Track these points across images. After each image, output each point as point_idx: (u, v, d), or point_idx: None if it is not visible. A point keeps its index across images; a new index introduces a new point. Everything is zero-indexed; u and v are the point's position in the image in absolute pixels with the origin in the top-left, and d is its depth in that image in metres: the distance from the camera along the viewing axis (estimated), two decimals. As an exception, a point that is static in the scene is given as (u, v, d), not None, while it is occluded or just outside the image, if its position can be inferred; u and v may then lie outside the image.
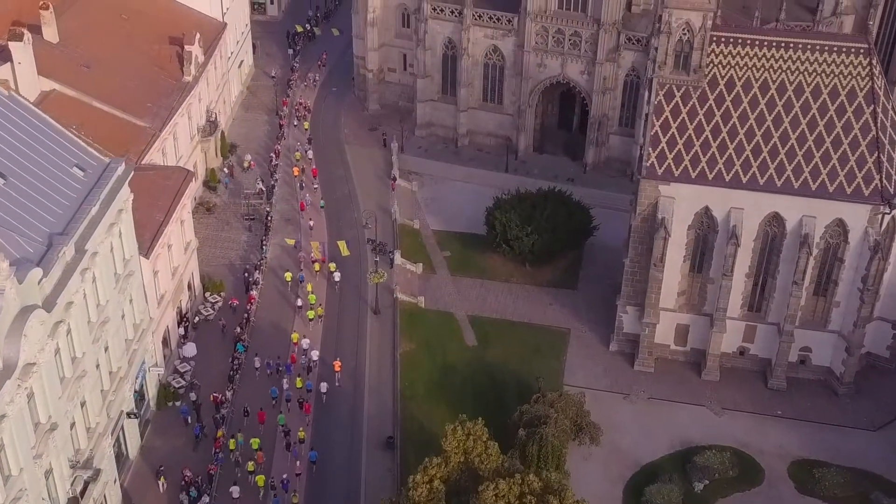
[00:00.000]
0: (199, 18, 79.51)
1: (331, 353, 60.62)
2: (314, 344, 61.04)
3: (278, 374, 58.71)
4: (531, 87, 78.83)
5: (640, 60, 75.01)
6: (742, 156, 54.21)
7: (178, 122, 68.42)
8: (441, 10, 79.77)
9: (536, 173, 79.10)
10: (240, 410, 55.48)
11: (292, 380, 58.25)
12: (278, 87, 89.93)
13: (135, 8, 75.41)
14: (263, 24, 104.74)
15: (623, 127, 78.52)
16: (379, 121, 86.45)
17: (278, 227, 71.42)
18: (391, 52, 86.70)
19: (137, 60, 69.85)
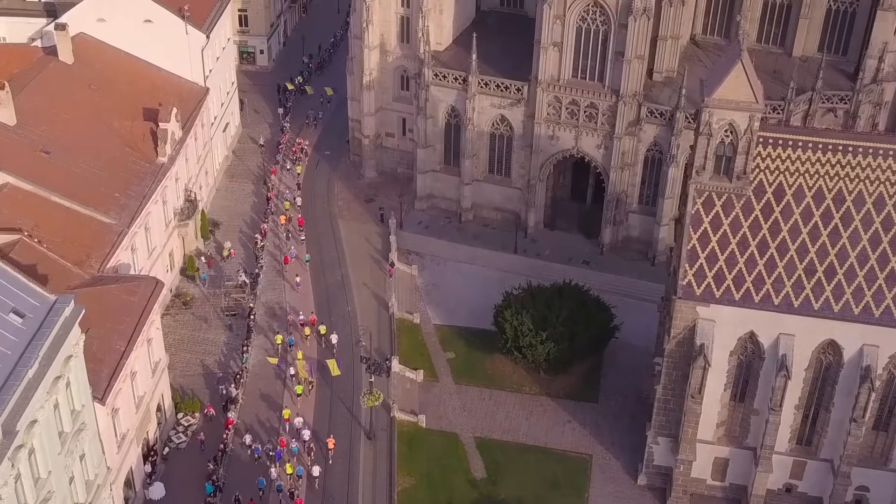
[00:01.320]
0: (178, 84, 71.86)
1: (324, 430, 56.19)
2: (306, 418, 56.84)
3: (268, 460, 53.88)
4: (542, 160, 71.10)
5: (663, 135, 67.32)
6: (793, 275, 46.46)
7: (150, 212, 60.60)
8: (444, 77, 72.05)
9: (548, 254, 71.39)
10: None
11: (282, 466, 53.25)
12: (266, 155, 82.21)
13: (106, 76, 67.72)
14: (253, 74, 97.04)
15: (643, 205, 70.79)
16: (376, 191, 78.71)
17: (263, 324, 63.62)
18: (389, 116, 78.99)
19: (106, 140, 62.01)
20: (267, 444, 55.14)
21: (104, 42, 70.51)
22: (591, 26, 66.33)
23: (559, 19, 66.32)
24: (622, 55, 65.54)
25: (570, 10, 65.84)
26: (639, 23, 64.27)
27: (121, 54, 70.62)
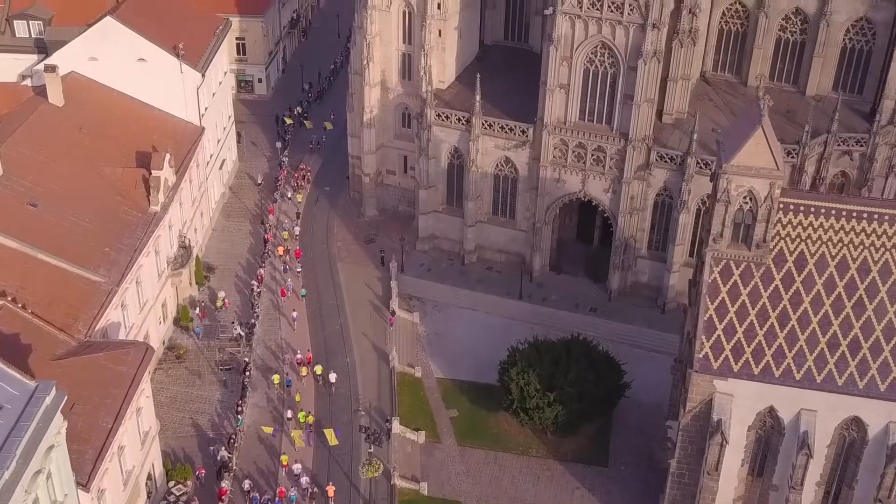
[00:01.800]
0: (172, 124, 69.31)
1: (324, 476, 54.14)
2: (305, 463, 55.18)
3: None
4: (548, 203, 68.51)
5: (674, 179, 64.78)
6: (816, 349, 43.93)
7: (142, 265, 58.12)
8: (446, 118, 69.49)
9: (554, 300, 68.81)
10: None
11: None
12: (264, 193, 79.67)
13: (97, 118, 65.18)
14: (251, 103, 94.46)
15: (653, 250, 68.23)
16: (376, 230, 76.12)
17: (258, 381, 61.11)
18: (390, 154, 76.44)
19: (96, 189, 59.45)
20: (266, 493, 53.39)
21: (96, 81, 68.03)
22: (598, 68, 63.80)
23: (566, 61, 63.82)
24: (631, 98, 63.01)
25: (577, 51, 63.32)
26: (649, 66, 61.74)
27: (113, 94, 68.14)
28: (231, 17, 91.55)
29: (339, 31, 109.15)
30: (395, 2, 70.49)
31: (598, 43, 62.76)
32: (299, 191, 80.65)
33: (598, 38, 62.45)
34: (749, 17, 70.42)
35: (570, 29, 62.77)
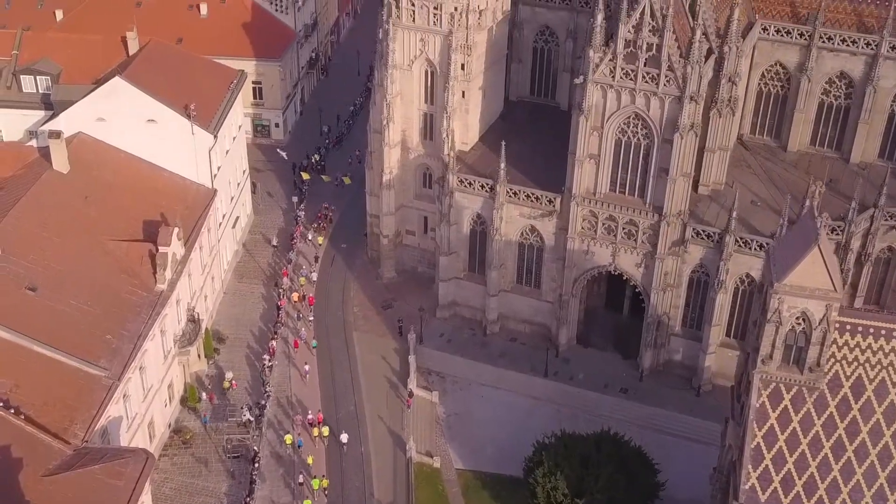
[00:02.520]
0: (182, 188, 65.80)
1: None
2: None
3: None
4: (576, 275, 64.51)
5: (711, 257, 60.61)
6: (874, 484, 39.58)
7: (147, 349, 54.65)
8: (469, 184, 65.61)
9: (582, 379, 64.73)
10: None
11: None
12: (280, 252, 75.98)
13: (103, 184, 61.74)
14: (267, 149, 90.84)
15: (687, 328, 64.12)
16: (394, 294, 72.27)
17: (268, 470, 57.44)
18: (410, 214, 72.62)
19: (100, 267, 55.92)
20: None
21: (103, 142, 64.64)
22: (631, 139, 59.78)
23: (596, 131, 59.82)
24: (666, 172, 58.93)
25: (608, 122, 59.30)
26: (685, 140, 57.67)
27: (121, 156, 64.69)
28: (247, 61, 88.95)
29: (359, 68, 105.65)
30: (417, 61, 66.74)
31: (631, 113, 58.78)
32: (321, 232, 77.97)
33: (632, 108, 58.44)
34: (790, 80, 66.38)
35: (602, 98, 58.78)
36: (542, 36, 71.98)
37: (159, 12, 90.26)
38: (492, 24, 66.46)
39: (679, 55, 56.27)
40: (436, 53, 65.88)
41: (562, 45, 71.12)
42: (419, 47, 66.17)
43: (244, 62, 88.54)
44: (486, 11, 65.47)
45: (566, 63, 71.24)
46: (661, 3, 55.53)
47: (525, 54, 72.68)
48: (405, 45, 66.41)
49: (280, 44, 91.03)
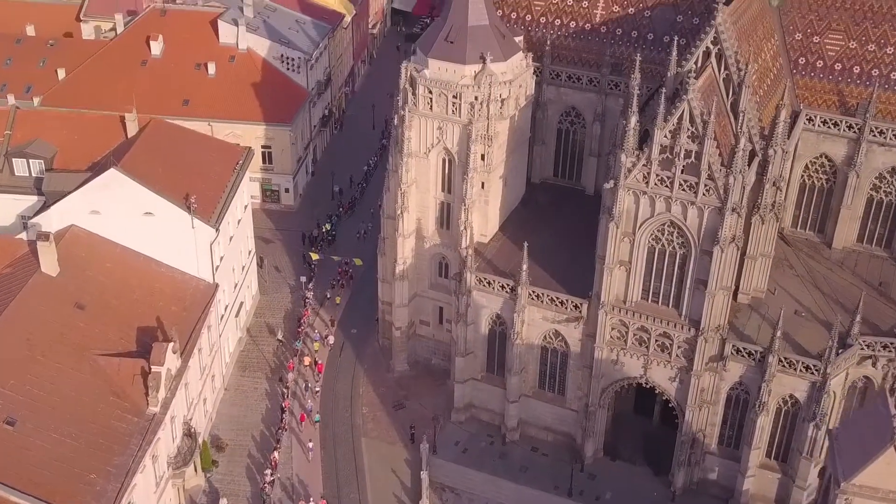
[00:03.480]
0: (181, 284, 60.90)
1: None
2: None
3: None
4: (603, 385, 59.18)
5: (751, 375, 55.17)
6: None
7: (137, 483, 49.75)
8: (488, 283, 60.52)
9: (609, 499, 59.53)
10: None
11: None
12: (286, 345, 70.96)
13: (95, 286, 56.82)
14: (276, 215, 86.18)
15: (724, 447, 58.72)
16: (407, 391, 67.08)
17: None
18: (424, 304, 67.48)
19: (87, 388, 50.83)
20: None
21: (97, 235, 59.92)
22: (666, 248, 54.47)
23: (627, 237, 54.62)
24: (704, 284, 53.58)
25: (641, 228, 54.10)
26: (726, 253, 52.38)
27: (116, 250, 59.89)
28: (256, 125, 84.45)
29: (374, 121, 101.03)
30: (434, 149, 61.70)
31: (665, 220, 53.55)
32: (340, 291, 74.89)
33: (667, 217, 53.22)
34: (836, 173, 60.96)
35: (634, 204, 53.53)
36: (568, 117, 66.87)
37: (165, 71, 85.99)
38: (514, 111, 61.34)
39: (720, 163, 50.97)
40: (454, 142, 60.86)
41: (589, 128, 65.99)
42: (436, 135, 61.15)
43: (253, 127, 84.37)
44: (508, 100, 60.33)
45: (593, 146, 66.15)
46: (701, 108, 50.26)
47: (549, 136, 67.55)
48: (422, 132, 61.41)
49: (291, 105, 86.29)
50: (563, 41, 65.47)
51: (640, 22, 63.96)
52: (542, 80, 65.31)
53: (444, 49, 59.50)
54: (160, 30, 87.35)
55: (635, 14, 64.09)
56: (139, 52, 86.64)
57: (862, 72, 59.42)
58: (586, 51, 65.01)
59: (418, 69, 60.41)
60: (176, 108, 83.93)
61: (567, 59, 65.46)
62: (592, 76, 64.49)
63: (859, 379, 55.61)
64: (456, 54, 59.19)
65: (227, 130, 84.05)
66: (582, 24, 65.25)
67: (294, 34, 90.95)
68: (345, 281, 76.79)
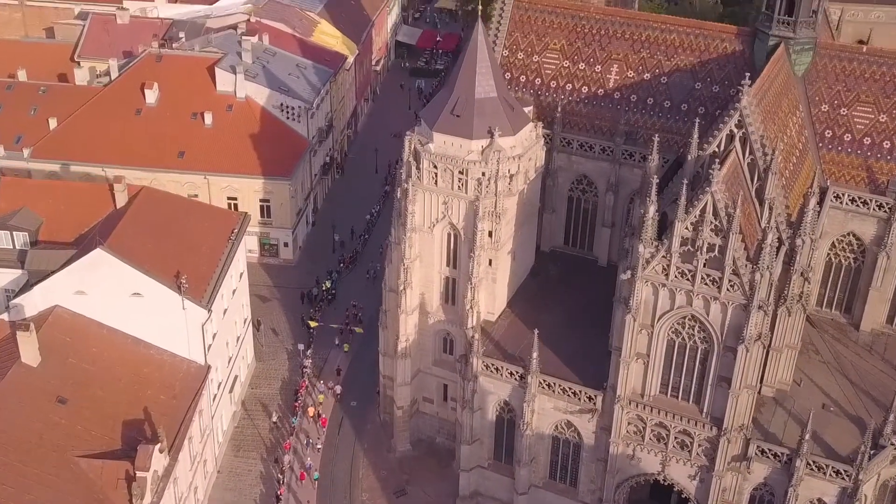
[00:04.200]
0: (171, 367, 57.20)
1: None
2: None
3: None
4: (619, 480, 55.43)
5: (777, 477, 51.37)
6: None
7: None
8: (496, 369, 56.83)
9: None
10: None
11: None
12: (281, 425, 67.15)
13: (80, 372, 53.18)
14: (275, 270, 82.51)
15: (746, 548, 55.11)
16: (409, 474, 63.15)
17: None
18: (428, 381, 63.68)
19: (67, 496, 47.60)
20: None
21: (82, 317, 56.33)
22: (686, 341, 50.75)
23: (645, 330, 50.93)
24: (727, 381, 49.85)
25: (660, 321, 50.39)
26: (752, 352, 48.68)
27: (102, 333, 56.28)
28: (254, 179, 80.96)
29: (376, 165, 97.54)
30: (439, 224, 58.04)
31: (686, 314, 49.86)
32: (348, 337, 73.58)
33: (688, 311, 49.52)
34: (865, 253, 57.27)
35: (653, 296, 49.84)
36: (579, 185, 63.26)
37: (160, 121, 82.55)
38: (523, 186, 57.72)
39: (746, 258, 47.29)
40: (460, 218, 57.19)
41: (601, 197, 62.39)
42: (442, 210, 57.51)
43: (251, 180, 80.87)
44: (517, 175, 56.68)
45: (606, 217, 62.53)
46: (726, 201, 46.57)
47: (559, 204, 63.92)
48: (426, 207, 57.75)
49: (291, 157, 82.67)
50: (574, 107, 61.95)
51: (656, 88, 60.40)
52: (553, 147, 61.76)
53: (450, 122, 55.85)
54: (155, 77, 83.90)
55: (651, 80, 60.52)
56: (133, 100, 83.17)
57: (892, 147, 55.76)
58: (599, 118, 61.49)
59: (423, 142, 56.77)
60: (171, 161, 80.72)
61: (579, 126, 61.91)
62: (605, 145, 60.93)
63: (892, 478, 51.93)
64: (462, 128, 55.54)
65: (223, 184, 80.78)
66: (595, 89, 61.69)
67: (294, 80, 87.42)
68: (354, 325, 74.69)
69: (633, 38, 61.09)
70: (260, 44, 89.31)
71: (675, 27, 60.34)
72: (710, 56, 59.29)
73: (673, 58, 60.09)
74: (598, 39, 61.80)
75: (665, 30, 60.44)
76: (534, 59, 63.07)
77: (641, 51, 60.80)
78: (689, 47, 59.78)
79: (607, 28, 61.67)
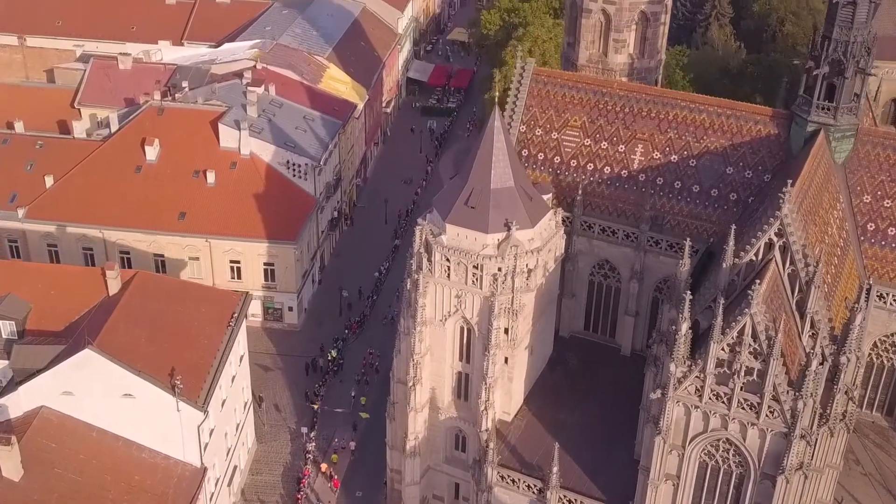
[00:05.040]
0: (164, 471, 53.31)
1: None
2: None
3: None
4: None
5: None
6: None
7: None
8: (512, 481, 52.73)
9: None
10: None
11: None
12: None
13: (66, 483, 49.34)
14: (278, 335, 78.44)
15: None
16: (419, 578, 59.54)
17: None
18: (438, 479, 59.40)
19: None
20: None
21: (70, 418, 52.44)
22: (720, 465, 46.51)
23: (676, 451, 46.71)
24: (765, 509, 45.75)
25: (692, 443, 46.16)
26: (792, 483, 44.42)
27: (91, 435, 52.44)
28: (258, 243, 77.04)
29: (386, 215, 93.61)
30: (451, 318, 53.89)
31: (721, 438, 45.61)
32: (365, 389, 71.37)
33: (723, 434, 45.28)
34: (910, 355, 52.93)
35: (685, 416, 45.63)
36: (601, 270, 59.08)
37: (160, 179, 78.76)
38: (542, 280, 53.53)
39: (787, 382, 43.04)
40: (474, 313, 53.04)
41: (625, 284, 58.18)
42: (454, 304, 53.33)
43: (254, 244, 76.95)
44: (536, 269, 52.54)
45: (630, 305, 58.34)
46: (766, 323, 42.30)
47: (579, 289, 59.78)
48: (437, 300, 53.59)
49: (297, 218, 78.58)
50: (596, 188, 57.77)
51: (684, 171, 56.19)
52: (573, 230, 57.62)
53: (464, 214, 51.68)
54: (156, 131, 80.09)
55: (679, 162, 56.32)
56: (133, 156, 79.35)
57: (941, 243, 51.44)
58: (622, 200, 57.31)
59: (435, 233, 52.63)
60: (171, 222, 76.94)
61: (601, 209, 57.74)
62: (630, 231, 56.71)
63: None
64: (477, 221, 51.38)
65: (226, 247, 76.98)
66: (618, 170, 57.49)
67: (301, 135, 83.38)
68: (370, 374, 72.55)
69: (659, 116, 56.89)
70: (266, 94, 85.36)
71: (704, 106, 56.13)
72: (743, 139, 55.07)
73: (703, 139, 55.88)
74: (622, 117, 57.61)
75: (694, 109, 56.23)
76: (553, 135, 58.91)
77: (669, 131, 56.60)
78: (721, 128, 55.56)
79: (632, 105, 57.48)
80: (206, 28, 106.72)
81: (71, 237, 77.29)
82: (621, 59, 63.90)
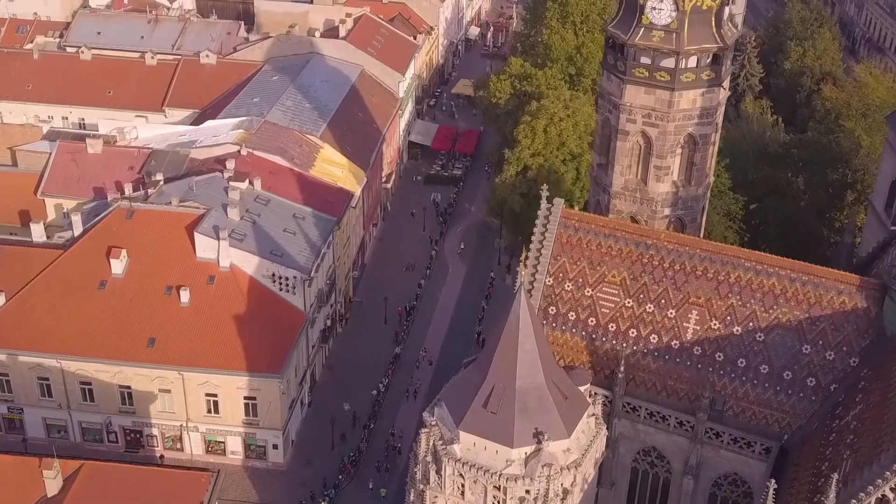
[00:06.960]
0: None
1: None
2: None
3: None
4: None
5: None
6: None
7: None
8: None
9: None
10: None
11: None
12: None
13: None
14: (261, 476, 67.52)
15: None
16: None
17: None
18: None
19: None
20: None
21: None
22: None
23: None
24: None
25: None
26: None
27: None
28: (238, 376, 66.41)
29: (385, 315, 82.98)
30: None
31: None
32: (386, 478, 66.64)
33: None
34: None
35: None
36: (647, 457, 48.45)
37: (127, 298, 68.16)
38: (580, 495, 42.84)
39: None
40: (494, 532, 42.39)
41: (676, 478, 47.54)
42: (470, 521, 42.77)
43: (233, 377, 66.24)
44: (574, 487, 41.83)
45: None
46: None
47: (620, 477, 49.15)
48: (448, 517, 43.01)
49: (283, 342, 67.70)
50: (641, 360, 47.18)
51: (749, 347, 45.58)
52: (613, 412, 47.01)
53: (482, 420, 40.99)
54: (124, 239, 69.39)
55: (742, 335, 45.72)
56: (97, 269, 68.54)
57: None
58: (674, 377, 46.74)
59: (445, 440, 41.95)
60: (139, 350, 66.30)
61: (647, 385, 47.15)
62: (683, 418, 46.05)
63: None
64: (499, 431, 40.67)
65: (201, 380, 66.29)
66: (667, 339, 46.87)
67: (290, 239, 72.58)
68: (392, 459, 66.50)
69: (718, 277, 46.30)
70: (251, 189, 74.68)
71: (775, 269, 45.55)
72: (823, 311, 44.49)
73: (772, 309, 45.27)
74: (672, 276, 47.00)
75: (762, 271, 45.65)
76: (586, 292, 48.29)
77: (730, 296, 45.97)
78: (795, 297, 44.97)
79: (683, 262, 46.89)
80: (190, 92, 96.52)
81: (23, 366, 66.75)
82: (664, 189, 53.29)
